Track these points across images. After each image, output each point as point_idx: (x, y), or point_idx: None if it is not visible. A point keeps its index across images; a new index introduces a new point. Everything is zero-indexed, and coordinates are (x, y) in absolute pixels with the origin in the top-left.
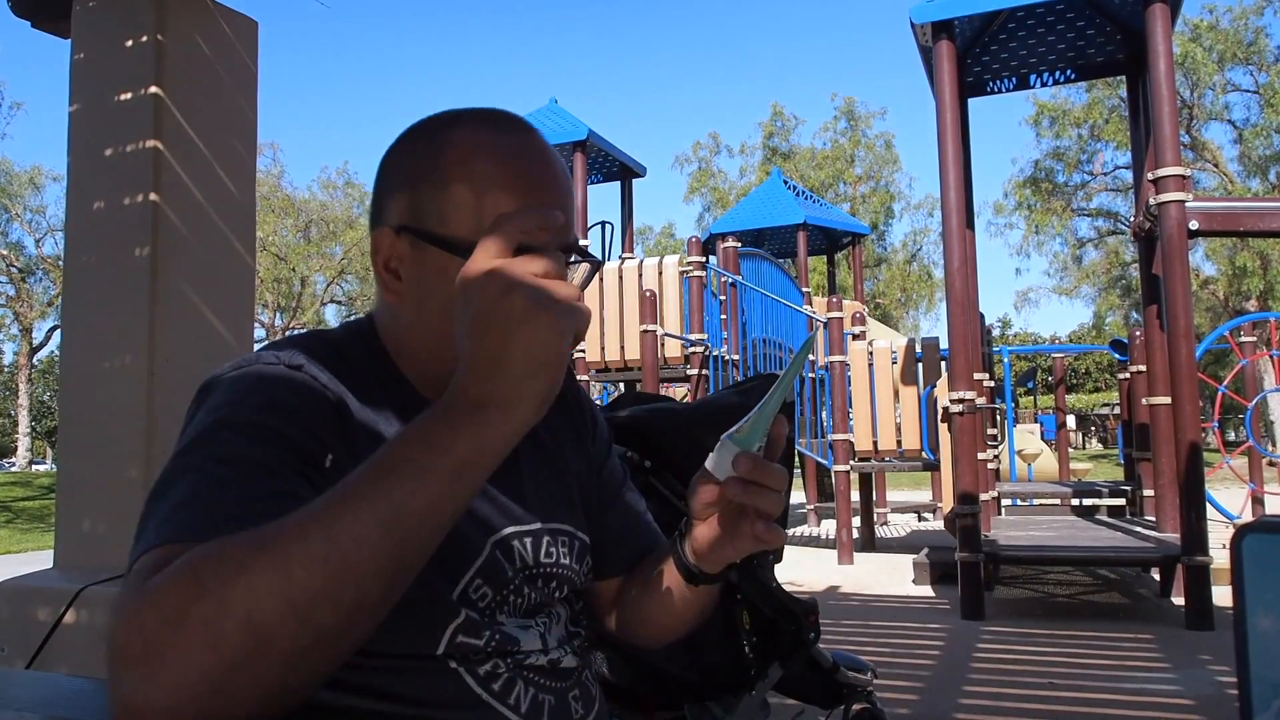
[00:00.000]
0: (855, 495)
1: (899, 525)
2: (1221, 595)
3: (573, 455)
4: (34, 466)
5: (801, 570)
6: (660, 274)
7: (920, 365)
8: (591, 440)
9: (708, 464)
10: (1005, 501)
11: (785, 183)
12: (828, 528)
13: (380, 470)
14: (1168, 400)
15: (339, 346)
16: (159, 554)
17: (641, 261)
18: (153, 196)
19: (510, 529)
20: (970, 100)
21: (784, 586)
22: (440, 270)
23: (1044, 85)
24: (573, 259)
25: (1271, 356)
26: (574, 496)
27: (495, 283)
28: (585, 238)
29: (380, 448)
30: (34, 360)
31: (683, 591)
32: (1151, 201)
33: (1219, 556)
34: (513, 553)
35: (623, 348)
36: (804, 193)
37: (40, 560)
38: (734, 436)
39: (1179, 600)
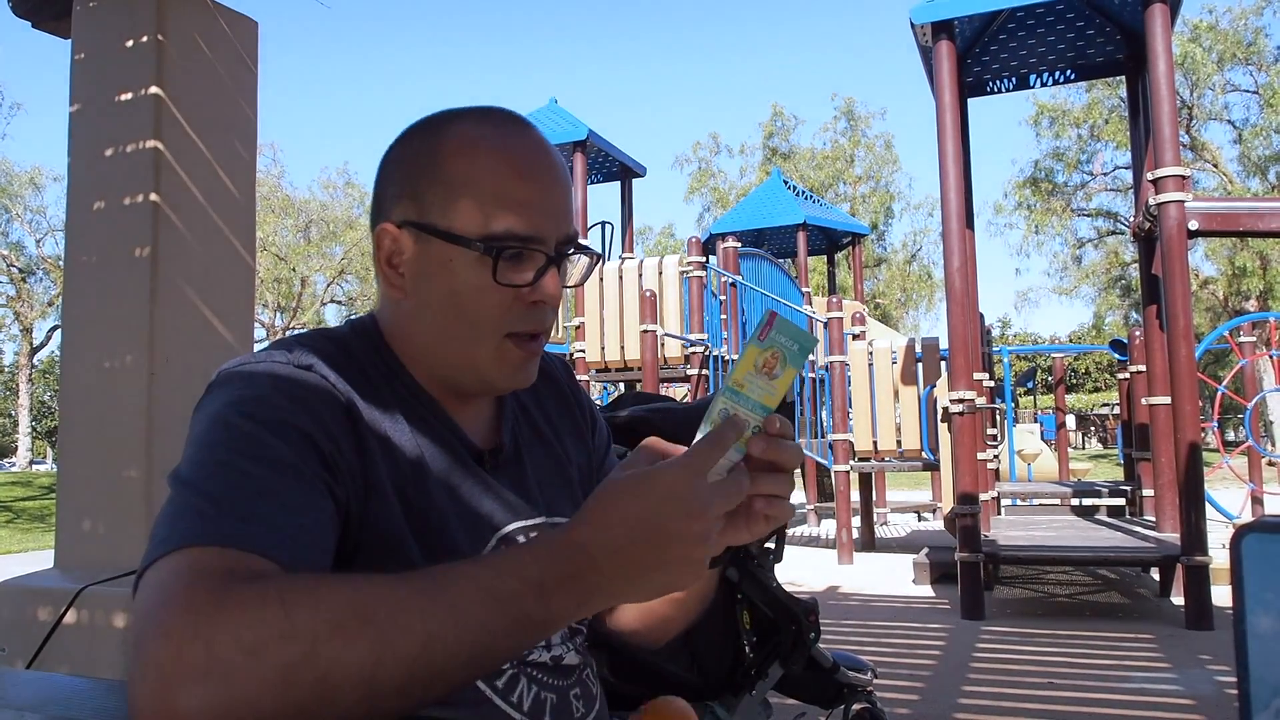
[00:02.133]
0: (855, 495)
1: (899, 525)
2: (1221, 595)
3: (573, 448)
4: (34, 466)
5: (801, 570)
6: (660, 274)
7: (920, 365)
8: (591, 435)
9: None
10: (1005, 501)
11: (785, 183)
12: (828, 528)
13: (489, 595)
14: (1167, 400)
15: (345, 345)
16: (212, 555)
17: (641, 261)
18: (153, 196)
19: (515, 524)
20: (970, 100)
21: (784, 586)
22: (443, 263)
23: (1044, 85)
24: (571, 252)
25: (1271, 356)
26: (576, 490)
27: (699, 527)
28: (585, 237)
29: (495, 565)
30: (34, 360)
31: None
32: (1151, 201)
33: (1219, 556)
34: None
35: (623, 348)
36: (804, 193)
37: (40, 560)
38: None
39: (1179, 600)
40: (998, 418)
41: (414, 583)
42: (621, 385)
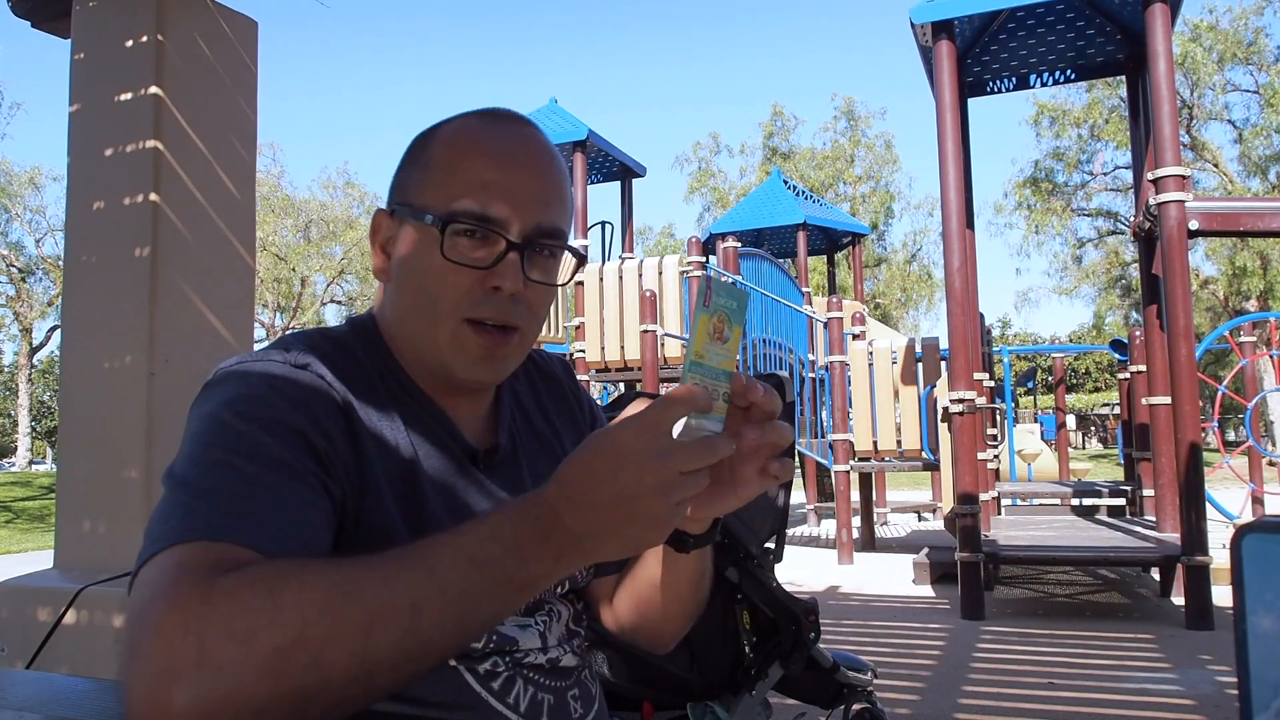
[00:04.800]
0: (855, 495)
1: (899, 525)
2: (1221, 595)
3: (572, 447)
4: (34, 466)
5: (801, 570)
6: (660, 274)
7: (920, 365)
8: (589, 431)
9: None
10: (1005, 501)
11: (785, 183)
12: (828, 528)
13: (469, 562)
14: (1168, 400)
15: (342, 344)
16: (202, 550)
17: (641, 261)
18: (153, 196)
19: None
20: (970, 100)
21: (784, 586)
22: (409, 239)
23: (1044, 85)
24: (545, 249)
25: (1271, 356)
26: None
27: (653, 480)
28: (585, 237)
29: (473, 531)
30: (34, 360)
31: (673, 565)
32: (1151, 201)
33: (1219, 556)
34: None
35: (623, 348)
36: (804, 193)
37: (40, 560)
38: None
39: (1179, 600)
40: (998, 418)
41: (396, 558)
42: (621, 385)
